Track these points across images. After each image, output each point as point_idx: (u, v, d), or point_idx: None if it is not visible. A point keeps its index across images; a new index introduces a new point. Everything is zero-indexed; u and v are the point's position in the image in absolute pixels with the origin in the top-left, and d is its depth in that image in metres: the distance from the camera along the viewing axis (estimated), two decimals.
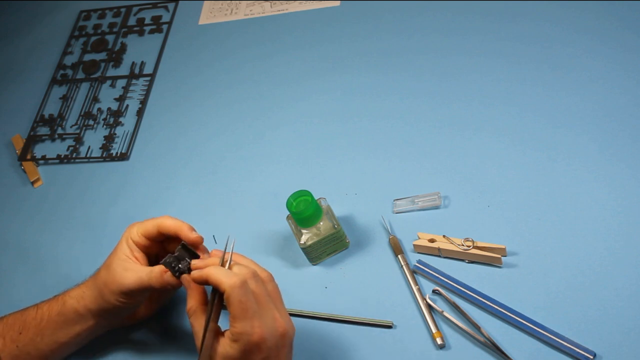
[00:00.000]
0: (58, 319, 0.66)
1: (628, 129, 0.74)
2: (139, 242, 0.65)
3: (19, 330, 0.66)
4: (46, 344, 0.66)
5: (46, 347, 0.66)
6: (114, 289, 0.63)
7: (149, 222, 0.65)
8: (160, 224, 0.64)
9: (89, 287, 0.66)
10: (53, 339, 0.66)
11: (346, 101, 0.86)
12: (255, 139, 0.86)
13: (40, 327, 0.66)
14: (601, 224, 0.68)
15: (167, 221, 0.63)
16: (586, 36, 0.83)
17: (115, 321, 0.68)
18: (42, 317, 0.66)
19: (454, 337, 0.64)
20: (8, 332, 0.66)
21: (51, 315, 0.66)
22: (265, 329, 0.54)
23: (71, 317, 0.66)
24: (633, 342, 0.60)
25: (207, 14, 1.04)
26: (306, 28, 0.96)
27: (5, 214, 0.87)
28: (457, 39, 0.88)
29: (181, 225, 0.63)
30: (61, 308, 0.66)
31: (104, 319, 0.66)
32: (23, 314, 0.68)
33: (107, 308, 0.64)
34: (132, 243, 0.65)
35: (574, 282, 0.65)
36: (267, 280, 0.59)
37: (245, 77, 0.93)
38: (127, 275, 0.62)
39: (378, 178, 0.77)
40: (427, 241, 0.69)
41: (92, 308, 0.65)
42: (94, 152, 0.90)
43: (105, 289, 0.63)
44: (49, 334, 0.66)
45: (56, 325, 0.66)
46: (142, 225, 0.65)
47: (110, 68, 1.01)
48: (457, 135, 0.78)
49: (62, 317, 0.66)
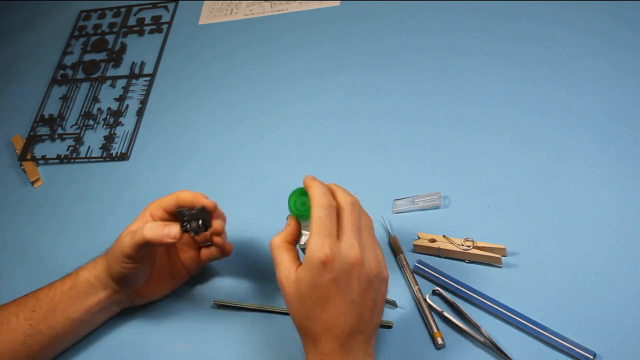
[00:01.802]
0: (71, 293, 0.67)
1: (628, 129, 0.74)
2: (158, 215, 0.66)
3: (32, 309, 0.67)
4: (58, 321, 0.67)
5: (58, 325, 0.67)
6: (117, 253, 0.64)
7: (167, 197, 0.67)
8: (178, 197, 0.66)
9: (102, 258, 0.68)
10: (65, 314, 0.67)
11: (346, 101, 0.86)
12: (255, 139, 0.86)
13: (54, 303, 0.67)
14: (601, 224, 0.68)
15: (184, 193, 0.66)
16: (586, 36, 0.83)
17: (125, 294, 0.69)
18: (54, 294, 0.68)
19: (454, 337, 0.64)
20: (22, 311, 0.67)
21: (64, 290, 0.67)
22: (336, 251, 0.54)
23: (83, 289, 0.67)
24: (633, 342, 0.60)
25: (207, 14, 1.04)
26: (306, 28, 0.96)
27: (5, 214, 0.87)
28: (457, 39, 0.88)
29: (196, 195, 0.66)
30: (74, 281, 0.68)
31: (114, 290, 0.68)
32: (36, 293, 0.69)
33: (115, 276, 0.66)
34: (149, 216, 0.66)
35: (574, 282, 0.65)
36: (365, 216, 0.59)
37: (245, 77, 0.93)
38: (129, 234, 0.64)
39: (378, 178, 0.77)
40: (427, 241, 0.69)
41: (101, 277, 0.67)
42: (94, 152, 0.90)
43: (111, 255, 0.65)
44: (62, 309, 0.67)
45: (69, 299, 0.67)
46: (162, 200, 0.67)
47: (110, 68, 1.01)
48: (457, 135, 0.78)
49: (74, 291, 0.67)
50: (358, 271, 0.55)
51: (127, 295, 0.69)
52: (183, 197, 0.66)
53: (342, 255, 0.54)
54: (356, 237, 0.56)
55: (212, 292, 0.73)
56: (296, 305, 0.56)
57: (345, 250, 0.55)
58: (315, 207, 0.56)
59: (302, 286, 0.55)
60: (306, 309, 0.55)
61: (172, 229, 0.63)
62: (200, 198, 0.65)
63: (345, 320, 0.55)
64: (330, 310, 0.55)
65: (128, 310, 0.72)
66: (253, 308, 0.70)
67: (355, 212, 0.57)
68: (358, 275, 0.55)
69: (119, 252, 0.64)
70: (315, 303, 0.55)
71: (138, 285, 0.69)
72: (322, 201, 0.56)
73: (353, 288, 0.55)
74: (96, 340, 0.71)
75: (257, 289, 0.72)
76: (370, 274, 0.56)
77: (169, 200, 0.66)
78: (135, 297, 0.70)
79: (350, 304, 0.55)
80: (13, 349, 0.66)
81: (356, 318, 0.55)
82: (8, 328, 0.66)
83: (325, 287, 0.54)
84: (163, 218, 0.66)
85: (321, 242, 0.54)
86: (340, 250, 0.55)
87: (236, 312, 0.70)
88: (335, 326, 0.55)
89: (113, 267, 0.65)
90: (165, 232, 0.63)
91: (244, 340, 0.68)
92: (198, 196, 0.65)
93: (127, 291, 0.69)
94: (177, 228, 0.63)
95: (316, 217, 0.55)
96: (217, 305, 0.71)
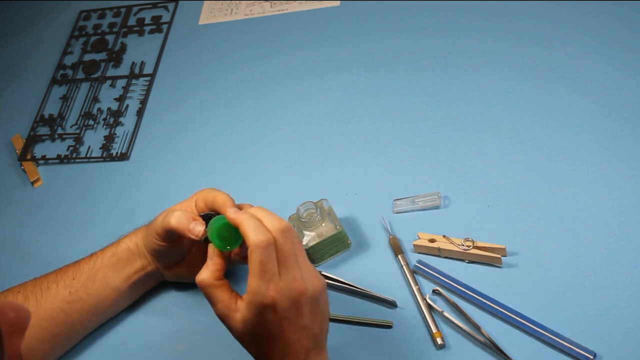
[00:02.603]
0: (111, 260, 0.68)
1: (628, 129, 0.74)
2: (200, 207, 0.65)
3: (72, 276, 0.68)
4: (97, 288, 0.68)
5: (97, 292, 0.68)
6: (152, 228, 0.65)
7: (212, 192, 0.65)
8: (216, 197, 0.64)
9: (143, 229, 0.69)
10: (104, 282, 0.68)
11: (346, 101, 0.86)
12: (256, 139, 0.86)
13: (94, 271, 0.68)
14: (601, 224, 0.68)
15: (220, 197, 0.63)
16: (586, 36, 0.83)
17: (158, 267, 0.69)
18: (95, 262, 0.69)
19: (454, 337, 0.64)
20: (62, 278, 0.68)
21: (104, 257, 0.69)
22: (280, 291, 0.54)
23: (123, 256, 0.68)
24: (633, 342, 0.60)
25: (207, 14, 1.04)
26: (306, 28, 0.96)
27: (5, 214, 0.87)
28: (457, 39, 0.88)
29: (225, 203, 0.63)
30: (115, 249, 0.69)
31: (148, 261, 0.69)
32: (78, 262, 0.70)
33: (148, 247, 0.67)
34: (193, 203, 0.66)
35: (574, 282, 0.65)
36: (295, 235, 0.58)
37: (245, 77, 0.93)
38: (164, 214, 0.64)
39: (378, 178, 0.77)
40: (427, 241, 0.69)
41: (140, 246, 0.68)
42: (94, 152, 0.90)
43: (149, 229, 0.66)
44: (101, 277, 0.68)
45: (109, 266, 0.68)
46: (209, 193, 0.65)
47: (110, 68, 1.01)
48: (457, 135, 0.78)
49: (114, 258, 0.68)
50: (305, 299, 0.55)
51: (161, 269, 0.70)
52: (217, 200, 0.63)
53: (287, 292, 0.54)
54: (296, 267, 0.55)
55: None
56: (248, 341, 0.56)
57: (289, 286, 0.54)
58: (253, 248, 0.54)
59: (250, 326, 0.55)
60: (259, 343, 0.56)
61: (197, 227, 0.62)
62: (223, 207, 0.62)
63: (301, 344, 0.55)
64: (284, 341, 0.55)
65: (128, 310, 0.72)
66: None
67: (289, 239, 0.56)
68: (305, 303, 0.55)
69: (153, 228, 0.65)
70: (267, 339, 0.55)
71: (170, 262, 0.69)
72: (259, 239, 0.54)
73: (303, 315, 0.55)
74: (96, 340, 0.71)
75: None
76: (315, 295, 0.56)
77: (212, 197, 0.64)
78: (168, 272, 0.70)
79: (303, 329, 0.55)
80: (52, 315, 0.66)
81: (310, 339, 0.56)
82: (48, 294, 0.67)
83: (275, 324, 0.54)
84: (203, 211, 0.65)
85: (265, 286, 0.54)
86: (283, 288, 0.54)
87: None
88: (292, 351, 0.55)
89: (148, 239, 0.66)
90: (190, 227, 0.62)
91: None
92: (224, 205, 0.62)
93: (160, 265, 0.69)
94: (201, 229, 0.62)
95: (256, 260, 0.54)
96: None
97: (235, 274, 0.74)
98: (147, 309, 0.72)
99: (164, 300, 0.73)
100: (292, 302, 0.55)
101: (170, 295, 0.73)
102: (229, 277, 0.74)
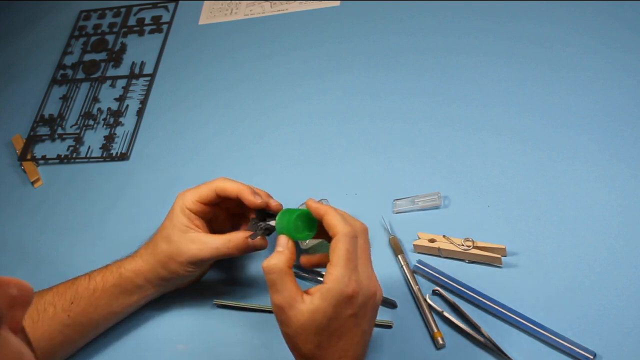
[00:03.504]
0: (114, 290, 0.66)
1: (628, 129, 0.74)
2: (195, 209, 0.64)
3: (70, 300, 0.66)
4: (99, 314, 0.67)
5: (99, 317, 0.67)
6: (182, 260, 0.63)
7: (203, 188, 0.64)
8: (219, 188, 0.63)
9: (147, 261, 0.66)
10: (107, 309, 0.67)
11: (346, 101, 0.86)
12: (256, 139, 0.86)
13: (94, 298, 0.66)
14: (601, 224, 0.68)
15: (227, 184, 0.63)
16: (586, 36, 0.83)
17: (175, 286, 0.69)
18: (95, 288, 0.66)
19: (454, 337, 0.64)
20: (59, 301, 0.66)
21: (106, 286, 0.66)
22: (360, 284, 0.54)
23: (128, 288, 0.67)
24: (633, 342, 0.60)
25: (207, 14, 1.04)
26: (306, 28, 0.96)
27: (5, 214, 0.87)
28: (457, 39, 0.88)
29: (242, 188, 0.63)
30: (117, 280, 0.66)
31: (164, 287, 0.68)
32: (74, 283, 0.67)
33: (171, 277, 0.65)
34: (188, 212, 0.64)
35: (574, 282, 0.65)
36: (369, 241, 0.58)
37: (245, 77, 0.93)
38: (194, 247, 0.63)
39: (378, 178, 0.77)
40: (427, 241, 0.69)
41: (151, 279, 0.66)
42: (94, 152, 0.90)
43: (170, 261, 0.64)
44: (104, 304, 0.66)
45: (111, 295, 0.66)
46: (196, 192, 0.64)
47: (110, 68, 1.01)
48: (457, 135, 0.78)
49: (118, 289, 0.66)
50: (373, 302, 0.55)
51: (177, 285, 0.70)
52: (226, 190, 0.62)
53: (365, 288, 0.54)
54: (371, 268, 0.56)
55: (212, 292, 0.72)
56: (308, 334, 0.53)
57: (366, 283, 0.54)
58: (342, 237, 0.54)
59: (320, 317, 0.53)
60: (320, 339, 0.54)
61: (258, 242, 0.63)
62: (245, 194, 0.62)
63: (356, 350, 0.55)
64: (346, 341, 0.54)
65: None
66: (253, 308, 0.70)
67: (367, 240, 0.57)
68: (372, 306, 0.55)
69: (185, 259, 0.63)
70: (332, 335, 0.54)
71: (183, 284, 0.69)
72: (347, 231, 0.54)
73: (366, 318, 0.55)
74: (96, 340, 0.71)
75: (257, 289, 0.72)
76: (378, 302, 0.56)
77: (208, 192, 0.64)
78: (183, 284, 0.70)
79: (362, 334, 0.55)
80: (50, 337, 0.65)
81: (364, 347, 0.56)
82: (45, 317, 0.65)
83: (345, 320, 0.54)
84: (200, 211, 0.64)
85: (349, 275, 0.53)
86: (363, 282, 0.54)
87: (236, 312, 0.70)
88: (347, 356, 0.54)
89: (172, 270, 0.64)
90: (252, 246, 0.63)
91: (244, 340, 0.68)
92: (243, 190, 0.62)
93: (168, 289, 0.69)
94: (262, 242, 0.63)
95: (344, 248, 0.54)
96: (217, 305, 0.71)
97: (235, 275, 0.74)
98: (147, 309, 0.72)
99: (164, 300, 0.73)
100: (366, 300, 0.54)
101: (170, 295, 0.73)
102: (229, 277, 0.74)
